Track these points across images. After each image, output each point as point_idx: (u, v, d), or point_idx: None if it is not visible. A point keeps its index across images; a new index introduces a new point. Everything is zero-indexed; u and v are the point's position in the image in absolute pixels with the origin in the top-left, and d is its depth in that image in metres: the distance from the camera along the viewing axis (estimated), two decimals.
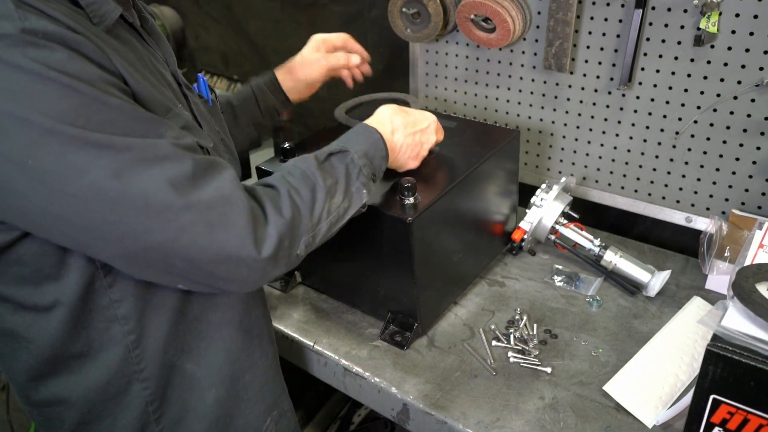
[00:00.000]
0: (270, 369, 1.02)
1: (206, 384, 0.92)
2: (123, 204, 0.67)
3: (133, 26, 0.83)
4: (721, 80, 1.21)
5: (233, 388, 0.94)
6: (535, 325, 1.16)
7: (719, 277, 1.22)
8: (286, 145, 1.18)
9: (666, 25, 1.23)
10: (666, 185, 1.38)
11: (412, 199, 1.02)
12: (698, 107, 1.26)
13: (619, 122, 1.38)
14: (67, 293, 0.77)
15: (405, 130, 1.03)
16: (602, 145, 1.43)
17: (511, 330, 1.15)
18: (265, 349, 1.00)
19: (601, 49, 1.33)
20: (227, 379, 0.93)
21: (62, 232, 0.69)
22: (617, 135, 1.40)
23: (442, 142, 1.23)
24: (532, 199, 1.32)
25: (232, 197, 0.73)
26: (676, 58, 1.25)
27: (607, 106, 1.38)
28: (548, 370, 1.06)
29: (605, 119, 1.40)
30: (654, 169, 1.38)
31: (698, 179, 1.33)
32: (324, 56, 1.28)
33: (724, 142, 1.26)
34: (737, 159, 1.26)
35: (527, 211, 1.33)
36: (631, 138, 1.38)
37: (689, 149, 1.31)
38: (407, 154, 1.05)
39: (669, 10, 1.21)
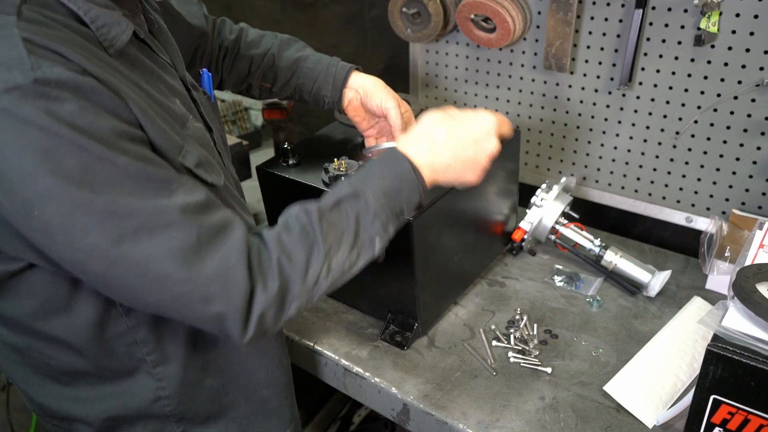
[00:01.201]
0: (288, 385, 1.05)
1: (227, 399, 0.94)
2: (121, 267, 0.66)
3: (144, 41, 0.81)
4: (722, 80, 1.21)
5: (253, 403, 0.97)
6: (535, 325, 1.16)
7: (720, 277, 1.21)
8: (286, 145, 1.18)
9: (666, 25, 1.23)
10: (666, 185, 1.38)
11: None
12: (698, 107, 1.26)
13: (620, 122, 1.38)
14: (81, 322, 0.79)
15: (452, 142, 0.87)
16: (602, 145, 1.43)
17: (512, 330, 1.14)
18: (285, 367, 1.03)
19: (602, 49, 1.33)
20: (246, 393, 0.96)
21: (65, 269, 0.70)
22: (617, 135, 1.40)
23: None
24: (533, 199, 1.32)
25: (233, 272, 0.70)
26: (676, 58, 1.25)
27: (608, 106, 1.38)
28: (548, 370, 1.06)
29: (605, 119, 1.40)
30: (654, 169, 1.38)
31: (698, 179, 1.33)
32: (394, 104, 1.14)
33: (725, 141, 1.26)
34: (737, 159, 1.26)
35: (527, 211, 1.33)
36: (631, 138, 1.38)
37: (689, 149, 1.31)
38: (458, 170, 0.89)
39: (669, 9, 1.21)
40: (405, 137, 0.89)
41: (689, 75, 1.24)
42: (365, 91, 1.17)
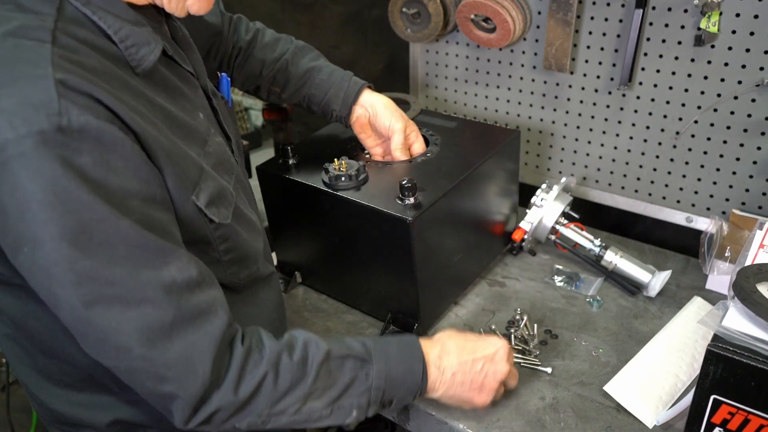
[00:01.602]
0: None
1: None
2: (85, 326, 0.67)
3: (172, 57, 0.81)
4: (722, 80, 1.21)
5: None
6: (535, 325, 1.16)
7: (720, 278, 1.21)
8: (286, 145, 1.18)
9: (666, 25, 1.23)
10: (666, 185, 1.38)
11: (412, 199, 1.02)
12: (699, 107, 1.26)
13: (620, 122, 1.38)
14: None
15: (459, 356, 0.89)
16: (602, 145, 1.43)
17: (512, 330, 1.14)
18: None
19: (602, 49, 1.33)
20: None
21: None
22: (617, 135, 1.40)
23: (443, 142, 1.23)
24: (533, 199, 1.32)
25: (197, 360, 0.69)
26: (676, 58, 1.25)
27: (608, 106, 1.38)
28: (549, 370, 1.06)
29: (605, 119, 1.40)
30: (654, 169, 1.38)
31: (699, 179, 1.33)
32: (401, 127, 1.16)
33: (725, 142, 1.26)
34: (738, 159, 1.26)
35: (527, 211, 1.33)
36: (631, 138, 1.38)
37: (690, 149, 1.31)
38: (465, 387, 0.90)
39: (669, 9, 1.21)
40: (428, 340, 0.90)
41: (689, 75, 1.24)
42: (375, 111, 1.17)
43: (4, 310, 0.79)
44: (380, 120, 1.17)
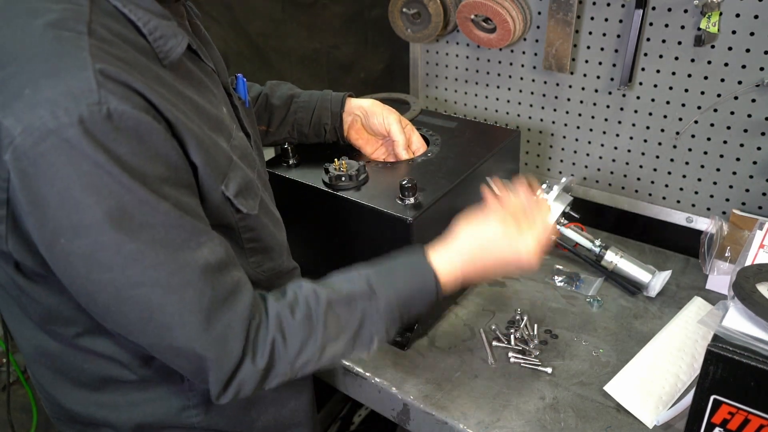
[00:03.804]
0: (313, 397, 1.05)
1: (255, 412, 0.94)
2: (129, 306, 0.68)
3: (195, 51, 0.81)
4: (722, 80, 1.21)
5: (280, 414, 0.97)
6: (535, 326, 1.16)
7: (720, 278, 1.21)
8: (286, 145, 1.18)
9: (666, 26, 1.23)
10: (666, 185, 1.38)
11: (412, 200, 1.02)
12: (699, 107, 1.26)
13: (620, 122, 1.38)
14: (128, 342, 0.79)
15: (483, 265, 0.89)
16: (603, 145, 1.43)
17: (512, 330, 1.14)
18: (309, 378, 1.04)
19: (602, 49, 1.33)
20: (274, 404, 0.96)
21: (71, 292, 0.71)
22: (618, 135, 1.40)
23: (443, 142, 1.23)
24: None
25: (232, 341, 0.72)
26: (676, 58, 1.25)
27: (608, 106, 1.38)
28: (549, 370, 1.06)
29: (605, 119, 1.40)
30: (654, 169, 1.38)
31: (699, 179, 1.33)
32: (396, 118, 1.18)
33: (725, 142, 1.26)
34: (738, 159, 1.26)
35: None
36: (631, 138, 1.38)
37: (690, 149, 1.31)
38: (489, 270, 0.90)
39: (669, 10, 1.21)
40: (442, 248, 0.87)
41: (689, 75, 1.24)
42: (365, 111, 1.18)
43: (40, 301, 0.78)
44: (372, 118, 1.18)
